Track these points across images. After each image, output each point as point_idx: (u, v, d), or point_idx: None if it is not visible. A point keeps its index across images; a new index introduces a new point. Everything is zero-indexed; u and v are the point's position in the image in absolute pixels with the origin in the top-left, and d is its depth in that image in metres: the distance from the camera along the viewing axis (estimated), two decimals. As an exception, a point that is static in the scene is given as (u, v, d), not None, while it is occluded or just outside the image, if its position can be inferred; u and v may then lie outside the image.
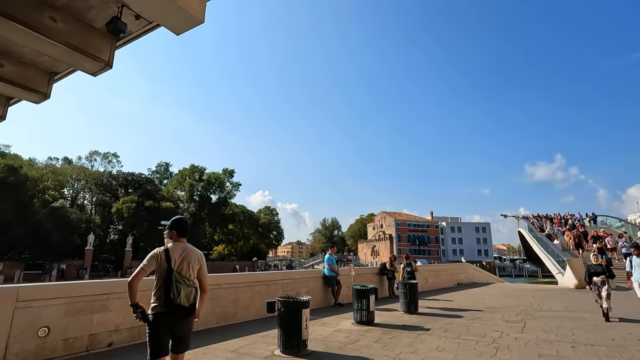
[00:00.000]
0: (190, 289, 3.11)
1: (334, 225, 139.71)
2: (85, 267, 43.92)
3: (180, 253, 3.23)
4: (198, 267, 3.28)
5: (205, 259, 3.42)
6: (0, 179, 39.87)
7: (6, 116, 4.20)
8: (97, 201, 58.75)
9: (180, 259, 3.19)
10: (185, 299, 3.04)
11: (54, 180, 53.49)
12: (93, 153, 64.12)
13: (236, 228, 61.31)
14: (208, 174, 60.09)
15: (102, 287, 5.61)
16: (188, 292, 3.08)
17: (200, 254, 3.37)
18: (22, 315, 4.62)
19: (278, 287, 8.86)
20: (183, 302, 3.03)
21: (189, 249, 3.30)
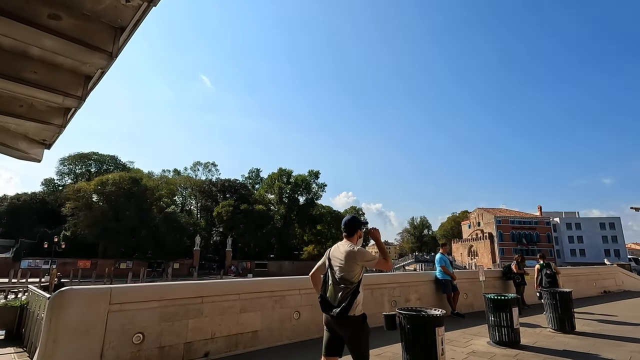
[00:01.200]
0: (337, 287, 2.98)
1: (423, 225, 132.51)
2: (194, 265, 48.75)
3: (333, 250, 3.20)
4: (342, 264, 3.01)
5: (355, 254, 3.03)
6: (126, 190, 46.76)
7: (86, 98, 3.53)
8: (201, 206, 65.17)
9: (332, 256, 3.15)
10: (332, 297, 2.98)
11: (166, 189, 61.00)
12: (196, 164, 71.48)
13: (324, 228, 61.79)
14: (295, 177, 61.93)
15: (195, 289, 5.04)
16: (336, 291, 2.97)
17: (347, 249, 3.06)
18: (116, 319, 4.19)
19: (384, 292, 7.57)
20: (330, 299, 2.99)
21: (338, 246, 3.21)
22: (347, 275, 2.97)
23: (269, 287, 5.86)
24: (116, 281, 38.12)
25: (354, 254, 2.99)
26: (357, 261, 2.98)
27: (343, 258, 3.01)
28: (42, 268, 39.60)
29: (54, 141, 5.57)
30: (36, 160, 5.92)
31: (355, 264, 2.98)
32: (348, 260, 2.98)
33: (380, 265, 3.11)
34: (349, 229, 3.22)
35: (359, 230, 3.24)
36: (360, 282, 3.05)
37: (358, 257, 2.98)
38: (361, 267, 3.03)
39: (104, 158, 62.22)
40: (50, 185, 59.32)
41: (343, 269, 2.99)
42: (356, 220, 3.28)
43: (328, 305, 2.97)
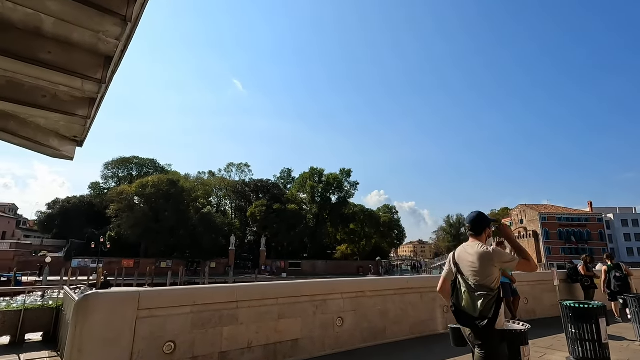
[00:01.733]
0: (473, 295, 2.61)
1: (460, 222, 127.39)
2: (230, 264, 49.61)
3: (459, 253, 2.88)
4: (476, 268, 2.63)
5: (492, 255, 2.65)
6: (165, 191, 48.48)
7: (108, 83, 3.11)
8: (236, 206, 66.40)
9: (459, 260, 2.82)
10: (470, 307, 2.62)
11: (202, 190, 62.69)
12: (229, 165, 72.98)
13: (357, 227, 60.81)
14: (327, 175, 61.44)
15: (230, 292, 4.58)
16: (473, 299, 2.61)
17: (480, 250, 2.66)
18: (145, 326, 3.80)
19: (435, 297, 6.78)
20: (468, 310, 2.64)
21: (464, 248, 2.85)
22: (484, 280, 2.60)
23: (309, 290, 5.32)
24: (157, 279, 39.50)
25: (489, 255, 2.63)
26: (495, 263, 2.62)
27: (476, 260, 2.65)
28: (90, 267, 41.81)
29: (85, 137, 5.31)
30: (68, 157, 5.71)
31: (492, 267, 2.61)
32: (483, 263, 2.61)
33: (522, 266, 2.71)
34: (477, 227, 2.87)
35: (487, 229, 2.87)
36: None
37: (495, 258, 2.63)
38: (499, 270, 2.67)
39: (143, 162, 65.05)
40: (96, 189, 62.90)
41: (478, 273, 2.63)
42: (484, 217, 2.91)
43: (466, 316, 2.63)
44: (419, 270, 62.67)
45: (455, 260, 2.86)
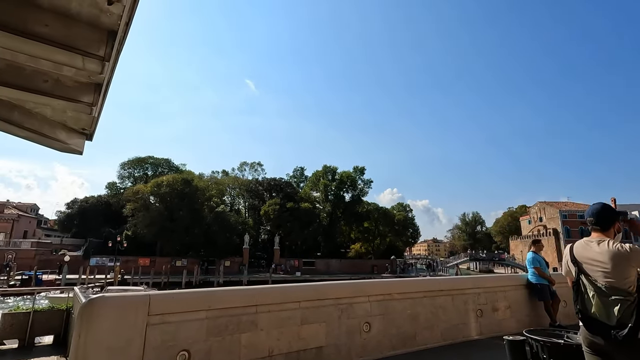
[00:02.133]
0: (606, 300, 2.26)
1: (475, 221, 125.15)
2: (244, 263, 49.68)
3: (580, 250, 2.52)
4: (607, 269, 2.28)
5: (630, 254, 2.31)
6: (179, 191, 48.85)
7: (113, 61, 2.72)
8: (249, 205, 66.54)
9: (581, 258, 2.47)
10: (603, 314, 2.26)
11: (216, 189, 63.01)
12: (243, 164, 73.22)
13: (371, 226, 60.11)
14: (340, 173, 60.91)
15: (248, 296, 4.18)
16: (606, 305, 2.25)
17: (613, 249, 2.32)
18: (156, 333, 3.43)
19: (467, 300, 6.27)
20: (600, 317, 2.27)
21: (588, 245, 2.49)
22: (619, 282, 2.27)
23: (333, 293, 4.89)
24: (172, 278, 39.80)
25: (627, 254, 2.29)
26: (632, 263, 2.28)
27: (608, 260, 2.33)
28: (108, 265, 42.43)
29: (94, 130, 4.98)
30: (77, 151, 5.40)
31: (629, 268, 2.29)
32: (618, 263, 2.28)
33: None
34: (604, 220, 2.53)
35: (617, 222, 2.54)
36: None
37: (633, 258, 2.27)
38: (636, 271, 2.32)
39: (158, 161, 65.81)
40: (113, 189, 63.97)
41: (611, 274, 2.31)
42: (612, 209, 2.59)
43: (599, 325, 2.30)
44: (435, 269, 61.49)
45: (574, 259, 2.53)
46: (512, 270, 70.60)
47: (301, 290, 4.72)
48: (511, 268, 70.86)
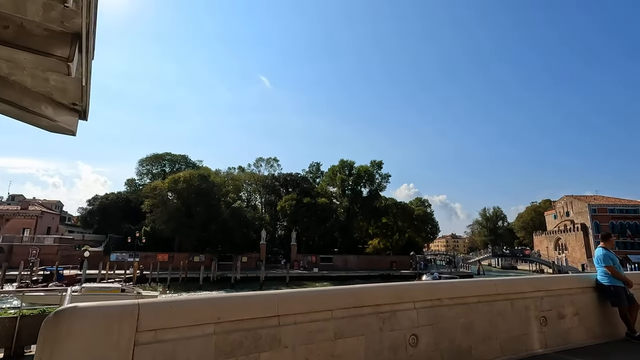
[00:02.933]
0: None
1: (497, 216, 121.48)
2: (261, 259, 49.35)
3: None
4: None
5: None
6: (196, 186, 48.83)
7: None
8: (265, 201, 66.25)
9: None
10: None
11: (232, 185, 62.95)
12: (258, 159, 72.87)
13: (390, 221, 58.74)
14: (357, 168, 59.67)
15: (269, 303, 3.28)
16: None
17: None
18: (147, 355, 2.57)
19: (529, 305, 5.20)
20: None
21: None
22: None
23: (371, 298, 3.94)
24: (190, 273, 39.77)
25: None
26: None
27: None
28: (128, 261, 42.82)
29: (86, 105, 4.15)
30: (69, 132, 4.59)
31: None
32: None
33: None
34: None
35: None
36: None
37: None
38: None
39: (176, 158, 66.24)
40: (132, 185, 64.81)
41: None
42: None
43: None
44: (457, 266, 59.64)
45: None
46: (538, 267, 67.93)
47: (334, 295, 3.79)
48: (537, 265, 68.19)
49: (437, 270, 53.34)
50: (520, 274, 66.19)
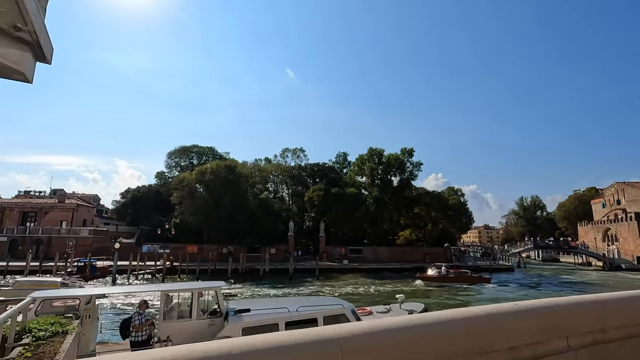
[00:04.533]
0: None
1: (535, 205, 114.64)
2: (289, 250, 48.45)
3: None
4: None
5: None
6: (223, 177, 48.38)
7: None
8: (293, 192, 65.27)
9: None
10: None
11: (259, 176, 62.36)
12: (285, 150, 71.78)
13: (422, 211, 56.08)
14: (386, 156, 57.14)
15: None
16: None
17: None
18: None
19: None
20: None
21: None
22: None
23: (503, 336, 2.19)
24: (219, 265, 39.38)
25: None
26: None
27: None
28: (158, 252, 43.10)
29: (40, 34, 2.56)
30: (19, 74, 3.06)
31: None
32: None
33: None
34: None
35: None
36: None
37: None
38: None
39: (203, 150, 66.42)
40: (161, 178, 65.71)
41: None
42: None
43: None
44: (496, 258, 56.14)
45: None
46: (585, 260, 62.99)
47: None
48: (584, 257, 63.20)
49: (473, 263, 50.35)
50: (564, 267, 61.58)
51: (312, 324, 9.40)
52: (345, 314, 10.22)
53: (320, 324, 9.40)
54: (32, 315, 7.35)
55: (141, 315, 8.41)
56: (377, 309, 13.50)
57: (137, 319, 8.35)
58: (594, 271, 52.49)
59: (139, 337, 8.21)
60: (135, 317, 8.38)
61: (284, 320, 9.23)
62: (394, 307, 13.45)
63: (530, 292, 29.54)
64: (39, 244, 45.33)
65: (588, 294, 10.81)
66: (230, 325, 8.85)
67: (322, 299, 15.52)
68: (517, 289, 32.43)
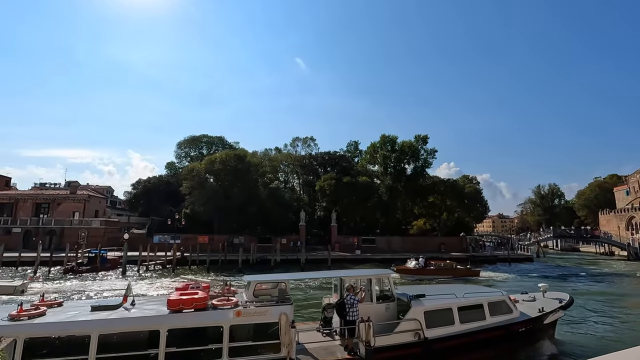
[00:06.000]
0: None
1: (553, 193, 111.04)
2: (300, 241, 47.60)
3: None
4: None
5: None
6: (232, 167, 47.52)
7: None
8: (303, 182, 64.21)
9: None
10: None
11: (269, 165, 61.42)
12: (295, 139, 70.61)
13: (437, 200, 54.35)
14: (400, 144, 55.26)
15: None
16: None
17: None
18: None
19: None
20: None
21: None
22: None
23: None
24: (229, 256, 38.79)
25: None
26: None
27: None
28: (169, 243, 42.76)
29: None
30: None
31: None
32: None
33: None
34: None
35: None
36: None
37: None
38: None
39: (212, 140, 65.70)
40: (172, 168, 65.40)
41: None
42: None
43: None
44: (514, 247, 54.15)
45: None
46: (608, 249, 60.53)
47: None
48: (606, 246, 60.71)
49: (490, 253, 48.58)
50: (586, 256, 59.23)
51: (479, 309, 10.17)
52: (505, 301, 10.83)
53: (485, 309, 10.20)
54: (250, 296, 9.27)
55: (352, 298, 9.27)
56: (522, 297, 13.26)
57: (350, 301, 9.20)
58: (619, 261, 50.21)
59: (354, 315, 9.06)
60: (348, 300, 9.22)
61: (457, 306, 9.93)
62: (537, 296, 13.28)
63: (556, 283, 27.79)
64: (52, 235, 45.50)
65: (627, 287, 9.01)
66: (414, 309, 9.55)
67: (472, 287, 16.25)
68: (540, 280, 30.74)
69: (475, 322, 9.99)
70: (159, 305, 8.49)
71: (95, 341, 7.08)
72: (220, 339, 7.68)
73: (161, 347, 7.32)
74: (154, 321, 7.74)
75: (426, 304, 9.74)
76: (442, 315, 9.67)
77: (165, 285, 25.54)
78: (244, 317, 8.06)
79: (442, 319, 9.63)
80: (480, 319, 10.09)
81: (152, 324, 7.73)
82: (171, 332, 7.55)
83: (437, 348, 9.15)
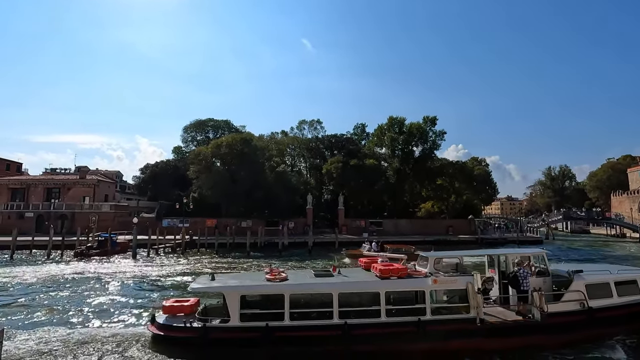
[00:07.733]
0: None
1: (564, 175, 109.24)
2: (308, 224, 47.73)
3: None
4: None
5: None
6: (239, 150, 47.32)
7: None
8: (310, 165, 63.91)
9: None
10: None
11: (276, 149, 61.08)
12: (301, 122, 69.65)
13: (445, 182, 53.76)
14: (408, 125, 54.29)
15: None
16: None
17: None
18: None
19: None
20: None
21: None
22: None
23: None
24: (237, 239, 39.08)
25: None
26: None
27: None
28: (178, 226, 43.20)
29: None
30: None
31: None
32: None
33: None
34: None
35: None
36: None
37: None
38: None
39: (219, 123, 65.34)
40: (179, 153, 65.47)
41: None
42: None
43: None
44: (523, 229, 53.63)
45: None
46: (619, 231, 59.70)
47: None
48: (618, 228, 59.86)
49: (499, 236, 48.15)
50: (597, 239, 58.55)
51: (634, 284, 11.20)
52: None
53: (639, 285, 11.23)
54: (432, 268, 10.78)
55: (525, 271, 10.53)
56: None
57: (523, 274, 10.45)
58: (631, 243, 49.55)
59: (527, 286, 10.34)
60: (521, 273, 10.46)
61: (613, 280, 11.00)
62: None
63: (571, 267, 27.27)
64: (64, 219, 46.27)
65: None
66: (577, 282, 10.76)
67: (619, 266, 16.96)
68: (552, 263, 30.18)
69: (631, 296, 10.96)
70: (363, 274, 10.98)
71: (336, 298, 9.41)
72: (421, 300, 9.70)
73: (382, 305, 9.44)
74: (376, 285, 9.92)
75: (587, 278, 10.88)
76: (601, 288, 10.83)
77: (178, 269, 25.88)
78: (439, 284, 10.01)
79: (601, 291, 10.75)
80: (635, 293, 11.08)
81: (375, 287, 9.86)
82: (387, 293, 9.71)
83: (599, 317, 10.24)
